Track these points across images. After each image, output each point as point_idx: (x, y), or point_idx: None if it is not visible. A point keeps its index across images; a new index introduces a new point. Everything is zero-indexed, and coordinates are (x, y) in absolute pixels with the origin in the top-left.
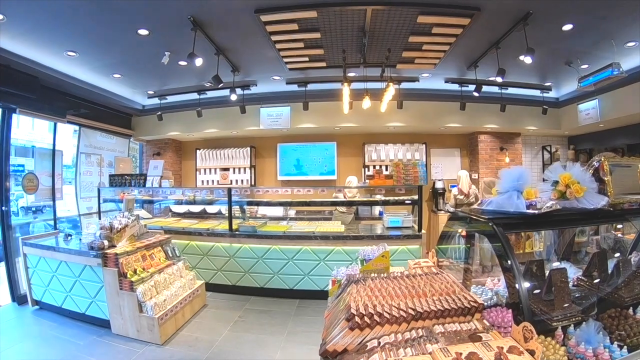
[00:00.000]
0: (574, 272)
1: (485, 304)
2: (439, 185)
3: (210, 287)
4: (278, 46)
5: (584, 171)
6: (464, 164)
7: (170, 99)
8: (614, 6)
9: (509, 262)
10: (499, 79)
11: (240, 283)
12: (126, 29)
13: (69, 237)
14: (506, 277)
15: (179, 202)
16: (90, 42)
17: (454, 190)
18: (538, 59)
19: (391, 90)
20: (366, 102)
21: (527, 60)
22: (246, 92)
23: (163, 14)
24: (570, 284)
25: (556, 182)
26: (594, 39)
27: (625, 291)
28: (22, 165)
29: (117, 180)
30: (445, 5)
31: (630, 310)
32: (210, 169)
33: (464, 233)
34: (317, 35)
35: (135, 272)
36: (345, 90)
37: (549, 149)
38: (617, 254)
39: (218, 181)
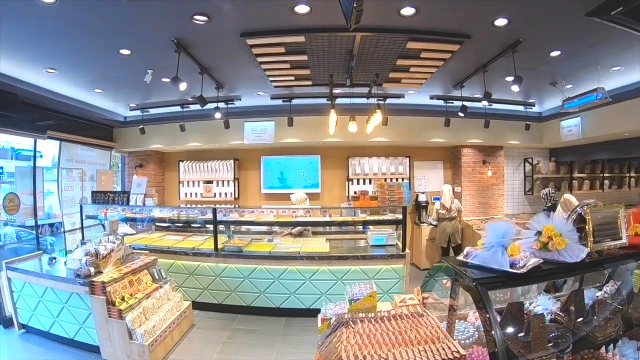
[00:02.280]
0: (552, 303)
1: (467, 341)
2: (422, 198)
3: (196, 305)
4: (264, 66)
5: (567, 222)
6: (447, 176)
7: (153, 111)
8: (603, 35)
9: (488, 315)
10: (485, 103)
11: (226, 302)
12: (108, 49)
13: (54, 260)
14: (485, 327)
15: (163, 221)
16: (71, 60)
17: (437, 204)
18: (524, 83)
19: (378, 116)
20: (352, 127)
21: (515, 88)
22: (230, 106)
23: (146, 35)
24: (548, 318)
25: (539, 233)
26: (581, 64)
27: (599, 330)
28: (1, 167)
29: (100, 198)
30: (436, 33)
31: (603, 349)
32: (193, 182)
33: (448, 284)
34: (304, 57)
35: (123, 299)
36: (332, 116)
37: (530, 161)
38: (598, 294)
39: (202, 194)
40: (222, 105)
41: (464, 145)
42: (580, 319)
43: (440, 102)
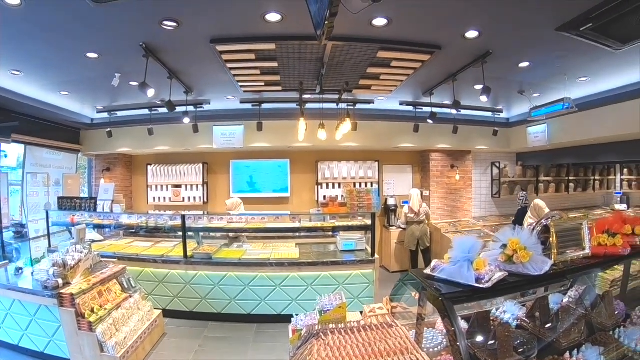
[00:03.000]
0: (518, 309)
1: (436, 349)
2: (391, 201)
3: (167, 313)
4: (233, 72)
5: (531, 235)
6: (416, 180)
7: (121, 113)
8: (571, 48)
9: (453, 328)
10: (454, 111)
11: (197, 309)
12: (75, 52)
13: (20, 271)
14: (450, 339)
15: (132, 228)
16: (37, 63)
17: (405, 208)
18: (493, 90)
19: (347, 124)
20: (322, 134)
21: (484, 99)
22: (199, 109)
23: (114, 39)
24: (514, 324)
25: (505, 246)
26: (549, 74)
27: (563, 336)
28: None
29: (67, 204)
30: (407, 43)
31: (567, 354)
32: (162, 186)
33: (417, 297)
34: (275, 64)
35: (92, 311)
36: (302, 124)
37: (498, 165)
38: (563, 299)
39: (170, 198)
40: (190, 108)
41: (433, 150)
42: (546, 325)
43: (410, 108)
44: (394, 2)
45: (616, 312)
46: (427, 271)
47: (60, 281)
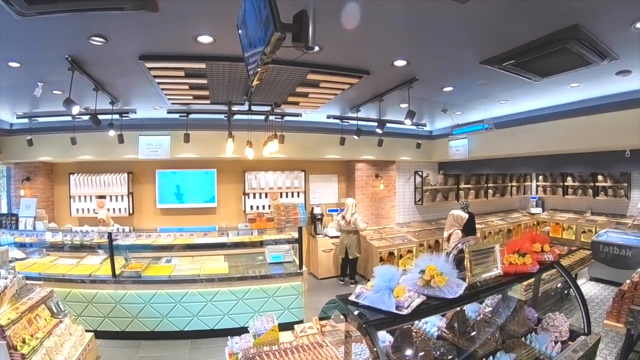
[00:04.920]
0: (439, 319)
1: None
2: (317, 210)
3: (99, 334)
4: (161, 86)
5: (447, 261)
6: (341, 189)
7: (42, 119)
8: (493, 78)
9: (375, 349)
10: (379, 130)
11: (130, 328)
12: None
13: None
14: (373, 357)
15: (56, 245)
16: None
17: (339, 216)
18: (417, 108)
19: (275, 144)
20: (249, 152)
21: (407, 122)
22: (125, 118)
23: (38, 51)
24: (436, 334)
25: (423, 271)
26: (471, 97)
27: (480, 345)
28: None
29: None
30: (337, 68)
31: None
32: (85, 197)
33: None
34: (204, 81)
35: (24, 342)
36: (230, 144)
37: (420, 173)
38: (482, 308)
39: (94, 209)
40: (116, 117)
41: (358, 160)
42: (464, 335)
43: (337, 121)
44: (326, 32)
45: (528, 319)
46: (352, 297)
47: None
